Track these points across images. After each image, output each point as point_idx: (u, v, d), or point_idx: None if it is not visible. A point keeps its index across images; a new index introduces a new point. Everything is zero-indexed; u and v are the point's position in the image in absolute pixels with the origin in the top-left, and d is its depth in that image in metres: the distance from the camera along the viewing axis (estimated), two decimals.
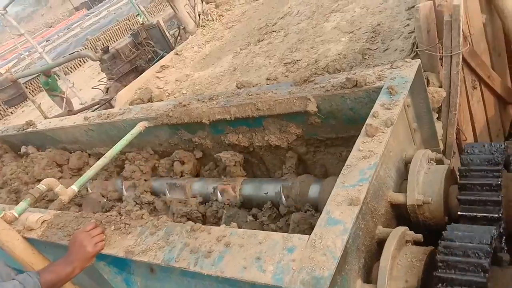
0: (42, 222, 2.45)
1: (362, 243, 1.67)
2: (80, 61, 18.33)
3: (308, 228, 2.24)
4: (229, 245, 1.60)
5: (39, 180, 3.20)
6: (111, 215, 2.14)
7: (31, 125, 4.27)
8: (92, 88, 9.99)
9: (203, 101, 2.92)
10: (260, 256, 1.49)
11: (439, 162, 2.20)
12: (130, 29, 13.59)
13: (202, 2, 5.79)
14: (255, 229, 1.75)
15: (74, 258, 1.88)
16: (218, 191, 2.85)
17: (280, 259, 1.44)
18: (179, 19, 6.43)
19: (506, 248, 1.78)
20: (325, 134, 2.66)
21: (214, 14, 5.49)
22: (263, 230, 2.35)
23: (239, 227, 1.99)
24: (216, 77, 4.02)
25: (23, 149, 4.32)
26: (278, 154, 2.97)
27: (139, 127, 3.07)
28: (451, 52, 2.45)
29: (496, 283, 1.56)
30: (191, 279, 1.90)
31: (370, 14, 3.60)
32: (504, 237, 1.79)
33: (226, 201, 2.81)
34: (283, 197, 2.56)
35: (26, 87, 12.07)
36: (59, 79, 10.13)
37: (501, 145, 1.93)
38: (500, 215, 1.74)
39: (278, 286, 1.37)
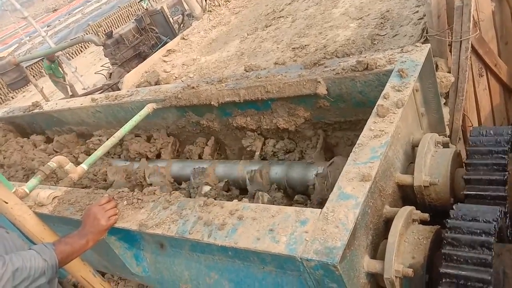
0: (53, 198, 2.49)
1: (370, 220, 1.71)
2: (81, 47, 18.25)
3: None
4: (242, 218, 1.64)
5: None
6: (122, 191, 2.18)
7: (37, 107, 4.29)
8: (95, 73, 9.98)
9: (212, 83, 2.94)
10: (273, 228, 1.53)
11: (446, 145, 2.23)
12: (132, 15, 13.54)
13: None
14: None
15: (88, 231, 1.92)
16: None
17: (293, 231, 1.48)
18: (186, 4, 6.40)
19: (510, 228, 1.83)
20: (333, 118, 2.68)
21: (221, 0, 5.48)
22: None
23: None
24: (223, 61, 4.03)
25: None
26: (285, 137, 3.00)
27: (148, 109, 3.09)
28: (460, 37, 2.47)
29: (501, 259, 1.61)
30: (201, 254, 1.94)
31: (379, 1, 3.61)
32: (509, 216, 1.83)
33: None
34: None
35: (29, 72, 12.05)
36: (62, 63, 10.11)
37: (509, 129, 1.96)
38: (505, 193, 1.77)
39: (291, 256, 1.41)
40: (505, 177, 1.80)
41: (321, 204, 2.34)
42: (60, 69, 9.76)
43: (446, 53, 2.73)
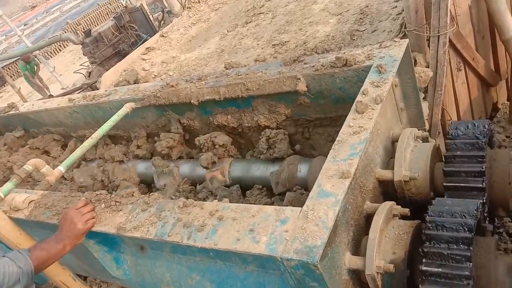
0: (29, 202, 2.42)
1: (351, 217, 1.70)
2: (60, 45, 17.88)
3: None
4: (222, 218, 1.62)
5: None
6: (100, 193, 2.13)
7: (13, 108, 4.17)
8: (74, 72, 9.80)
9: (192, 82, 2.90)
10: (253, 228, 1.51)
11: (425, 140, 2.24)
12: (112, 13, 13.33)
13: None
14: None
15: (65, 235, 1.87)
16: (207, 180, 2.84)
17: (273, 230, 1.47)
18: (165, 1, 6.32)
19: (488, 218, 1.85)
20: (313, 114, 2.67)
21: None
22: None
23: None
24: (203, 59, 3.99)
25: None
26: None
27: (126, 108, 3.03)
28: (438, 32, 2.49)
29: (479, 252, 1.62)
30: (182, 256, 1.91)
31: None
32: (487, 206, 1.85)
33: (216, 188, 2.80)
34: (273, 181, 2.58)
35: (5, 72, 11.76)
36: (40, 63, 9.89)
37: (486, 123, 1.98)
38: (484, 185, 1.79)
39: (272, 256, 1.39)
40: (483, 168, 1.82)
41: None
42: (36, 68, 9.53)
43: (425, 48, 2.74)
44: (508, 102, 3.96)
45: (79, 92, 7.95)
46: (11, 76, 14.61)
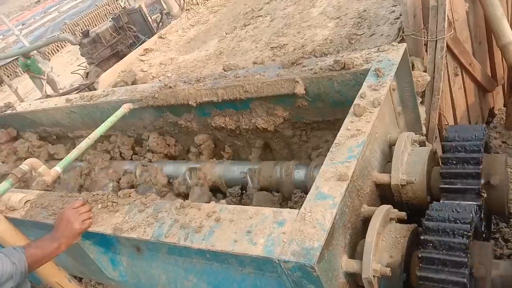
0: (25, 202, 2.41)
1: (348, 220, 1.71)
2: (58, 46, 17.80)
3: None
4: (219, 220, 1.62)
5: None
6: (97, 194, 2.12)
7: (10, 107, 4.16)
8: (71, 73, 9.74)
9: (190, 83, 2.90)
10: (250, 230, 1.51)
11: (422, 144, 2.25)
12: (110, 14, 13.32)
13: None
14: None
15: (61, 235, 1.86)
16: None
17: (270, 232, 1.47)
18: (164, 2, 6.32)
19: (484, 222, 1.86)
20: (311, 117, 2.68)
21: None
22: None
23: None
24: (202, 61, 3.98)
25: None
26: (264, 137, 2.98)
27: (124, 109, 3.03)
28: (436, 37, 2.51)
29: (475, 257, 1.62)
30: (178, 257, 1.91)
31: (356, 1, 3.63)
32: (483, 210, 1.86)
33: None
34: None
35: (2, 71, 11.71)
36: (38, 62, 9.84)
37: (482, 127, 2.00)
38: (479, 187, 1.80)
39: (269, 258, 1.39)
40: (479, 171, 1.83)
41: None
42: (40, 65, 9.46)
43: (422, 52, 2.76)
44: (505, 108, 3.98)
45: (76, 93, 7.92)
46: (8, 76, 14.55)
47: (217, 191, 2.99)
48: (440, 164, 1.97)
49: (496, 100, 4.01)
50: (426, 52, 2.73)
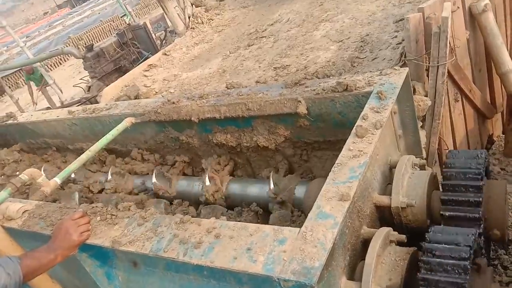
0: (23, 212, 2.39)
1: (348, 241, 1.70)
2: (61, 59, 17.99)
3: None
4: (219, 236, 1.61)
5: None
6: (96, 206, 2.11)
7: (11, 117, 4.17)
8: (74, 86, 9.82)
9: (193, 99, 2.93)
10: (251, 247, 1.50)
11: (422, 167, 2.26)
12: (114, 29, 13.50)
13: (192, 5, 5.82)
14: None
15: (58, 246, 1.84)
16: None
17: (271, 250, 1.46)
18: (169, 20, 6.43)
19: (483, 248, 1.85)
20: (313, 137, 2.70)
21: (204, 18, 5.52)
22: None
23: None
24: (205, 78, 4.03)
25: None
26: (265, 155, 2.99)
27: (126, 123, 3.04)
28: (437, 63, 2.55)
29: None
30: (175, 274, 1.88)
31: (359, 25, 3.71)
32: (483, 236, 1.85)
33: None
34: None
35: (4, 82, 11.77)
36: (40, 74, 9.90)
37: (483, 152, 2.01)
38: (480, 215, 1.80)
39: (269, 276, 1.38)
40: (480, 198, 1.83)
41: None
42: (42, 79, 9.52)
43: (424, 77, 2.80)
44: (503, 135, 4.01)
45: (77, 106, 7.95)
46: (9, 87, 14.62)
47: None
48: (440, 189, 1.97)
49: (495, 127, 4.05)
50: (428, 77, 2.78)
